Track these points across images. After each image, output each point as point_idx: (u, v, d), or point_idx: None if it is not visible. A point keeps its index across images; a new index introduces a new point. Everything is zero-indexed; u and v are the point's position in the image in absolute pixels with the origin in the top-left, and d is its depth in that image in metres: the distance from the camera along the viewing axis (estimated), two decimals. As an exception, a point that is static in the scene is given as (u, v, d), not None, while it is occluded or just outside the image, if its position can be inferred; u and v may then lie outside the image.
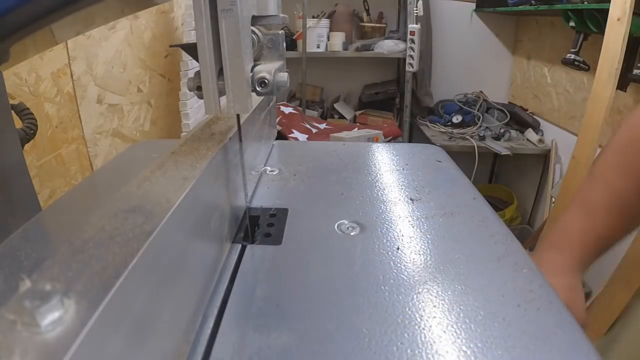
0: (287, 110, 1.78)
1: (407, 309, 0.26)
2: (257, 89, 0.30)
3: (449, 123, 2.10)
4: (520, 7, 1.75)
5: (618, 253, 1.17)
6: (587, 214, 0.46)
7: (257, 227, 0.37)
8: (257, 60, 0.33)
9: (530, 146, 1.89)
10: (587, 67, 1.49)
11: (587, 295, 1.55)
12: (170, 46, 1.42)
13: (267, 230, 0.37)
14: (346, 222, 0.37)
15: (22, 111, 0.57)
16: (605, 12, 1.20)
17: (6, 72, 0.65)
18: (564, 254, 0.45)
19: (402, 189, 0.45)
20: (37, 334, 0.12)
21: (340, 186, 0.45)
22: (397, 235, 0.35)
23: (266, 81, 0.30)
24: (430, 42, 2.21)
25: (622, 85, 1.30)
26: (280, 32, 0.34)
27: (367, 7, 2.18)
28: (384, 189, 0.45)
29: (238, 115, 0.34)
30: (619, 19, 1.14)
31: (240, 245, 0.34)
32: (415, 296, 0.28)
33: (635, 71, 1.26)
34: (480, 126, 2.04)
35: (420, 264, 0.31)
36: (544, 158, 1.92)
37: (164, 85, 1.42)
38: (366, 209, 0.40)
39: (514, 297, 0.28)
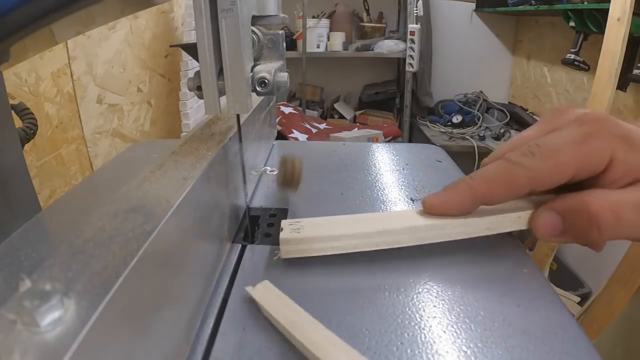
0: (287, 110, 1.79)
1: (407, 309, 0.26)
2: (257, 89, 0.30)
3: (449, 123, 2.10)
4: (520, 7, 1.75)
5: (617, 254, 1.17)
6: None
7: (257, 227, 0.37)
8: (257, 60, 0.33)
9: (530, 146, 1.89)
10: (587, 67, 1.49)
11: (587, 295, 1.55)
12: (170, 46, 1.42)
13: (267, 230, 0.37)
14: (346, 222, 0.37)
15: (22, 111, 0.57)
16: (605, 12, 1.20)
17: (6, 72, 0.65)
18: None
19: (402, 189, 0.45)
20: (37, 334, 0.12)
21: (340, 186, 0.45)
22: (397, 235, 0.35)
23: (266, 81, 0.30)
24: (430, 42, 2.21)
25: (622, 85, 1.30)
26: (280, 32, 0.34)
27: (367, 7, 2.18)
28: (384, 189, 0.45)
29: (238, 115, 0.34)
30: (619, 19, 1.14)
31: (240, 245, 0.34)
32: (415, 296, 0.28)
33: (635, 71, 1.26)
34: (480, 126, 2.04)
35: (421, 264, 0.31)
36: (544, 158, 1.91)
37: (164, 85, 1.42)
38: (366, 209, 0.40)
39: (514, 297, 0.28)
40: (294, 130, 1.59)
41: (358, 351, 0.22)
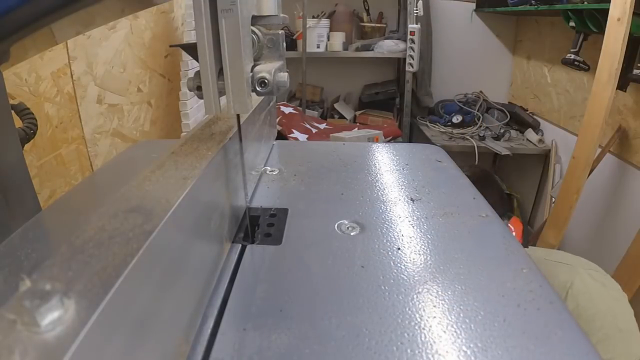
0: (287, 110, 1.78)
1: (407, 309, 0.26)
2: (257, 89, 0.30)
3: (449, 123, 2.10)
4: (520, 7, 1.75)
5: (617, 255, 1.16)
6: None
7: (257, 227, 0.37)
8: (257, 60, 0.33)
9: (530, 146, 1.90)
10: (587, 67, 1.49)
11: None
12: (170, 46, 1.42)
13: (267, 230, 0.37)
14: (346, 222, 0.37)
15: (22, 111, 0.57)
16: (605, 12, 1.20)
17: (6, 72, 0.65)
18: None
19: (402, 189, 0.45)
20: (37, 334, 0.12)
21: (340, 186, 0.45)
22: (397, 235, 0.35)
23: (266, 81, 0.30)
24: (430, 42, 2.21)
25: (622, 85, 1.30)
26: (280, 32, 0.34)
27: (367, 7, 2.18)
28: (384, 189, 0.45)
29: (238, 115, 0.34)
30: (619, 19, 1.14)
31: (240, 245, 0.34)
32: (415, 296, 0.28)
33: (635, 71, 1.26)
34: (480, 126, 2.04)
35: (420, 264, 0.31)
36: (544, 158, 1.92)
37: (164, 85, 1.42)
38: (366, 209, 0.40)
39: (514, 297, 0.28)
40: (294, 130, 1.59)
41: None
